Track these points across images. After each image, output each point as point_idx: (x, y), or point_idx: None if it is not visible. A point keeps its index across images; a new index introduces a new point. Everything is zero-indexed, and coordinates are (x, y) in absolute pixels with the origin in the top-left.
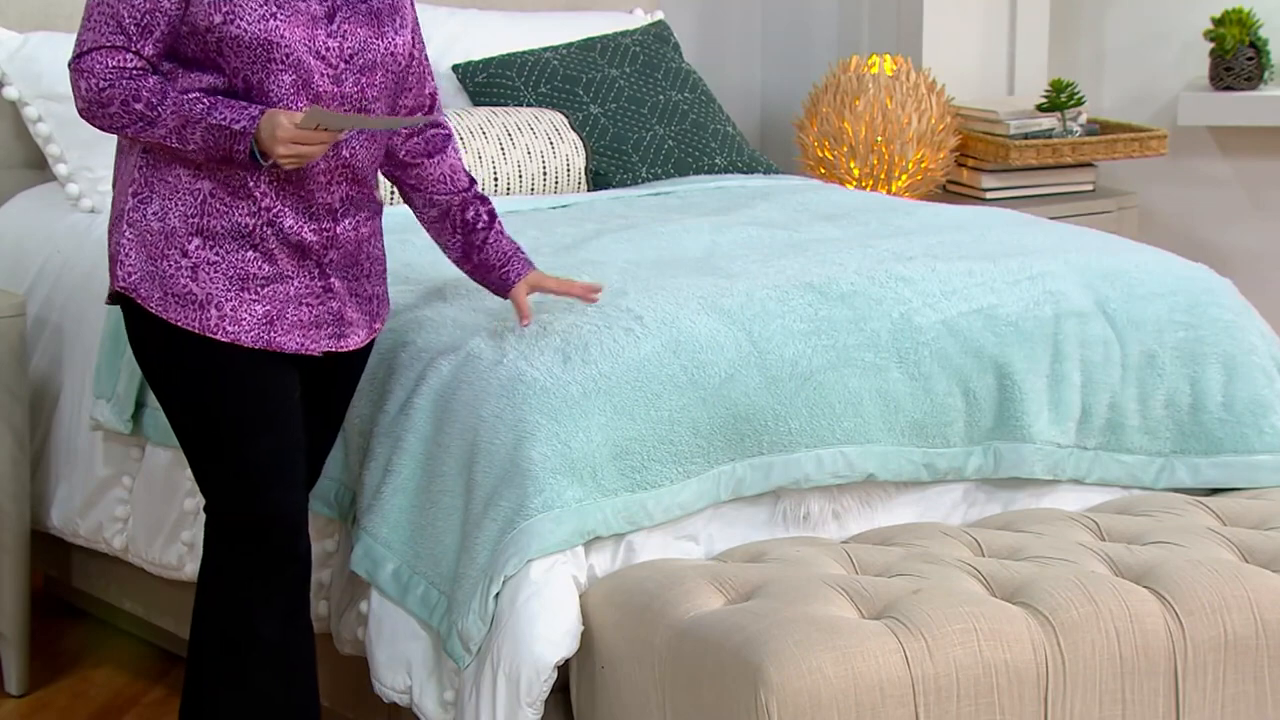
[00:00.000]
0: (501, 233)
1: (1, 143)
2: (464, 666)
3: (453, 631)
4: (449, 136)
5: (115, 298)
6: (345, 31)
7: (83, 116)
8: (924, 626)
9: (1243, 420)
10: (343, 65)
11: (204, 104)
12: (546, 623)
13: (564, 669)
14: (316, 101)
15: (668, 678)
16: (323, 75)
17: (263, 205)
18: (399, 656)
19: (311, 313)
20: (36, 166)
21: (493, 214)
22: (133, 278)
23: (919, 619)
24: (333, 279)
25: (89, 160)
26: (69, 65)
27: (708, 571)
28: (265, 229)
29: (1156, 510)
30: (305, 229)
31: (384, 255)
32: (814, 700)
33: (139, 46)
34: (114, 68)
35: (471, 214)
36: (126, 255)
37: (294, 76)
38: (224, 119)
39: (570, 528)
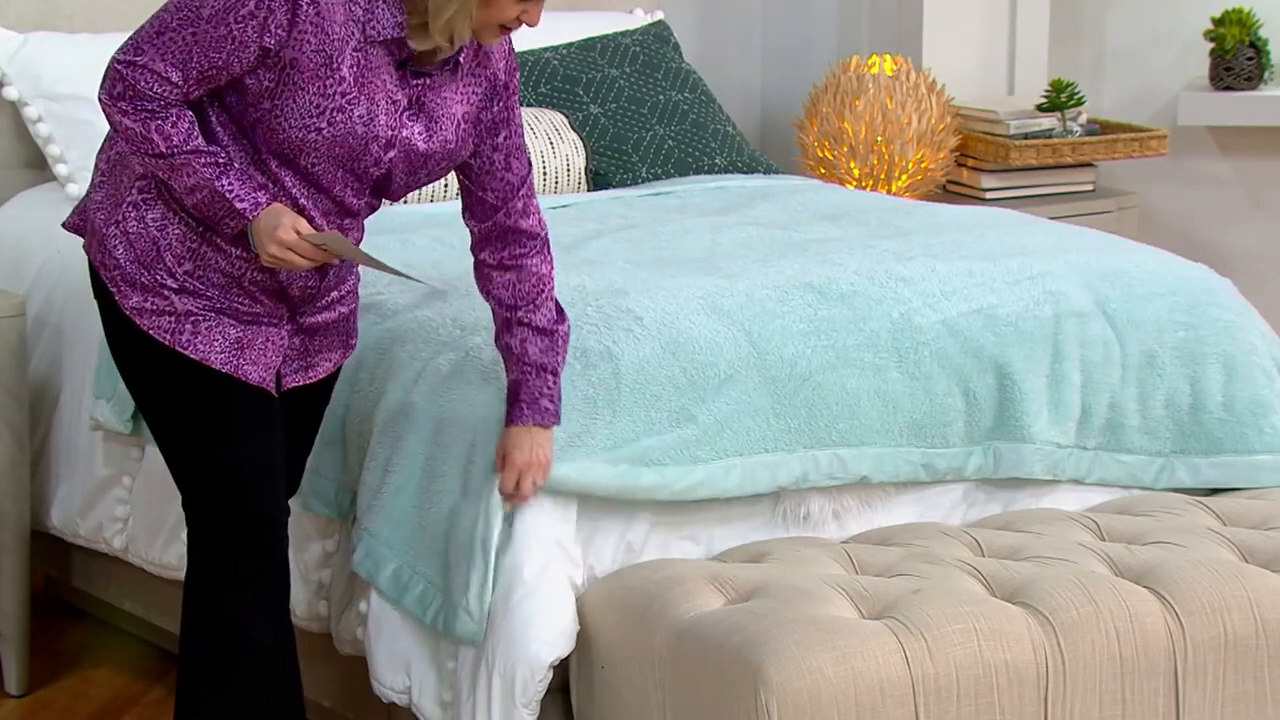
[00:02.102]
0: (533, 374)
1: (1, 143)
2: (480, 640)
3: (457, 610)
4: (530, 253)
5: (77, 230)
6: (392, 162)
7: (100, 105)
8: (924, 626)
9: (1243, 420)
10: (367, 190)
11: (218, 166)
12: (541, 623)
13: (564, 669)
14: (333, 204)
15: (668, 678)
16: (348, 188)
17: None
18: (398, 656)
19: (276, 351)
20: (36, 166)
21: (539, 348)
22: (114, 271)
23: (919, 619)
24: (302, 319)
25: (89, 160)
26: (117, 58)
27: (708, 571)
28: (256, 274)
29: (1156, 510)
30: (294, 284)
31: (358, 272)
32: (814, 700)
33: (189, 89)
34: (154, 94)
35: (515, 340)
36: (115, 247)
37: (314, 181)
38: (230, 190)
39: (565, 487)
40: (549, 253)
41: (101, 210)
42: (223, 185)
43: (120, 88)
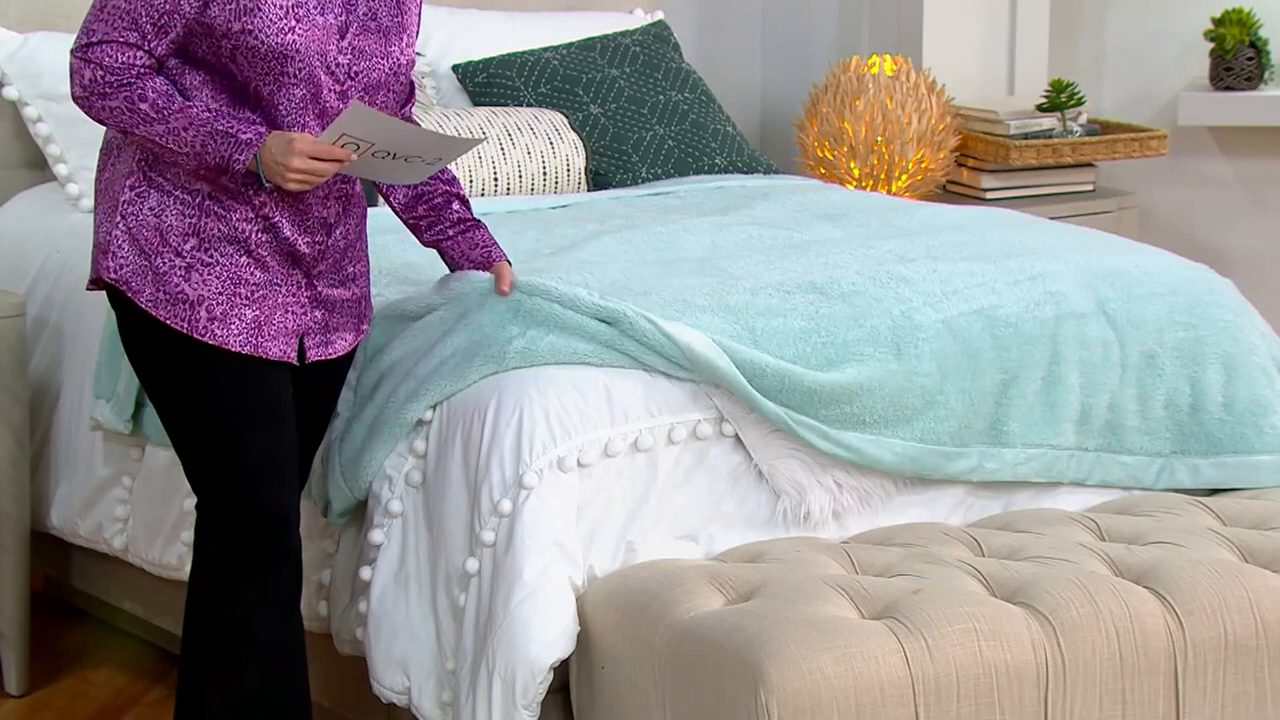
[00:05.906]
0: (479, 225)
1: (1, 143)
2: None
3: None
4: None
5: (97, 284)
6: (355, 48)
7: (78, 104)
8: (924, 626)
9: (1243, 420)
10: (349, 82)
11: (210, 111)
12: (542, 624)
13: (564, 669)
14: (322, 117)
15: (668, 678)
16: (330, 91)
17: (261, 213)
18: (397, 657)
19: (297, 321)
20: (36, 166)
21: (468, 206)
22: (124, 270)
23: (919, 619)
24: (319, 288)
25: (89, 160)
26: (72, 51)
27: (708, 571)
28: (261, 235)
29: (1156, 510)
30: (300, 240)
31: (368, 257)
32: (814, 700)
33: (151, 46)
34: (123, 64)
35: (451, 210)
36: (120, 247)
37: (304, 91)
38: (230, 127)
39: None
40: None
41: (102, 226)
42: (223, 124)
43: (89, 73)
